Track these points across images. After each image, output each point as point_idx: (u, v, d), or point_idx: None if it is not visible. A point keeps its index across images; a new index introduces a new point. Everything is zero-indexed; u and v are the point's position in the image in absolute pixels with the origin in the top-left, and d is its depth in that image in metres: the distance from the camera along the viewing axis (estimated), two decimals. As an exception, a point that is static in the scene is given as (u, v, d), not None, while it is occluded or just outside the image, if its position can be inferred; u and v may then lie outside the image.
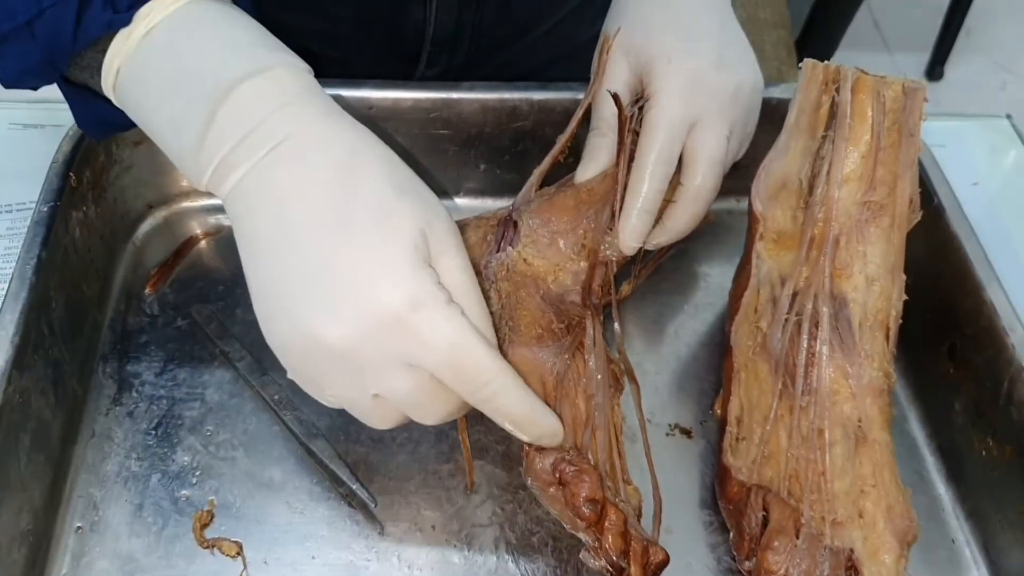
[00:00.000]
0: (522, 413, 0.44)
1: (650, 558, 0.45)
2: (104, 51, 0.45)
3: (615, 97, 0.55)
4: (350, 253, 0.41)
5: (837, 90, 0.51)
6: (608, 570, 0.45)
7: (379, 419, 0.45)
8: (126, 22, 0.44)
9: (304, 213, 0.42)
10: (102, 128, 0.54)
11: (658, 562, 0.45)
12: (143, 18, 0.44)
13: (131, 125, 0.50)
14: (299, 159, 0.42)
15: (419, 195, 0.44)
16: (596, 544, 0.45)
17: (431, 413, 0.44)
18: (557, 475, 0.46)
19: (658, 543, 0.46)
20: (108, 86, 0.46)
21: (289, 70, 0.44)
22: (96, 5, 0.44)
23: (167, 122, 0.44)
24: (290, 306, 0.42)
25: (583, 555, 0.45)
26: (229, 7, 0.47)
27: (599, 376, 0.51)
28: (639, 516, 0.48)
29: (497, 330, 0.51)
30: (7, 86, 0.48)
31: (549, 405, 0.49)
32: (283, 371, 0.54)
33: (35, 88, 0.49)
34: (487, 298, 0.51)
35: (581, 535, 0.46)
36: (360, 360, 0.41)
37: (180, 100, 0.43)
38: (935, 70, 2.04)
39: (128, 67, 0.45)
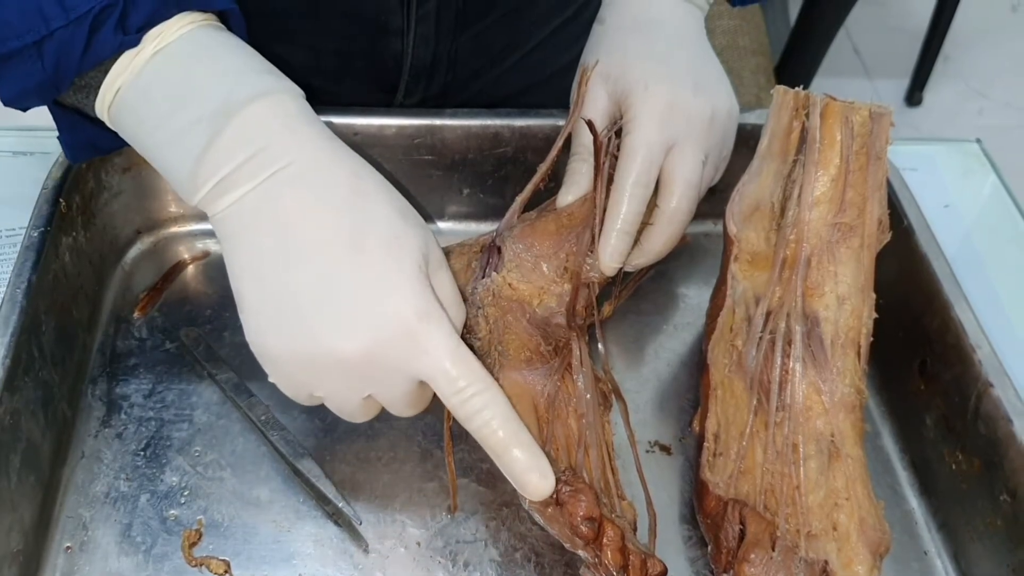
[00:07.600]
0: (507, 433, 0.45)
1: (649, 571, 0.46)
2: (106, 71, 0.46)
3: (589, 124, 0.56)
4: (363, 270, 0.44)
5: (807, 116, 0.53)
6: None
7: (361, 416, 0.48)
8: (135, 43, 0.46)
9: (315, 232, 0.44)
10: (85, 150, 0.55)
11: (656, 574, 0.46)
12: (152, 40, 0.46)
13: (112, 148, 0.51)
14: (305, 182, 0.45)
15: (417, 219, 0.47)
16: (595, 560, 0.46)
17: (413, 411, 0.48)
18: (554, 495, 0.47)
19: (655, 555, 0.47)
20: (103, 105, 0.47)
21: (290, 95, 0.47)
22: (108, 27, 0.45)
23: (167, 139, 0.46)
24: (298, 319, 0.44)
25: (582, 571, 0.46)
26: (231, 36, 0.49)
27: (588, 396, 0.52)
28: (634, 530, 0.49)
29: (487, 355, 0.52)
30: (5, 104, 0.49)
31: (542, 427, 0.50)
32: (270, 392, 0.56)
33: (26, 109, 0.50)
34: (475, 324, 0.53)
35: (580, 552, 0.47)
36: (370, 368, 0.44)
37: (184, 118, 0.45)
38: (914, 96, 2.08)
39: (131, 86, 0.46)
